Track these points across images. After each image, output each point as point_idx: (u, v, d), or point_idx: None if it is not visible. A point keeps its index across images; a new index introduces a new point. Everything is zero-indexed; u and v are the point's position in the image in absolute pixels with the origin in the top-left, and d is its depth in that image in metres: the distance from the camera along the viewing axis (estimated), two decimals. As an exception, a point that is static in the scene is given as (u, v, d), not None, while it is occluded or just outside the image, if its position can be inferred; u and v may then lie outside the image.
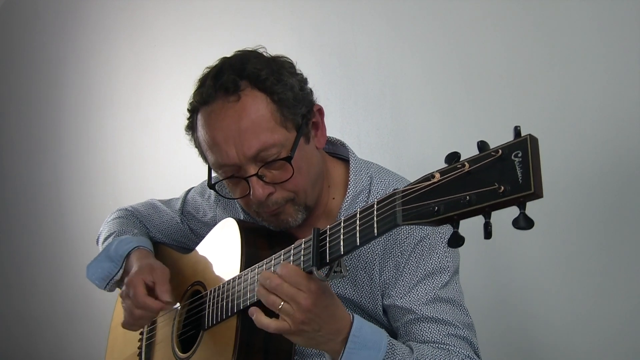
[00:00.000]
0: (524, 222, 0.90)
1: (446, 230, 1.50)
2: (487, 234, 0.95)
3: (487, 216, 0.96)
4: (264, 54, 1.56)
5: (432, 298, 1.46)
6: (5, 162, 4.55)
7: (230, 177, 1.51)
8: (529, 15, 1.93)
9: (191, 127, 1.57)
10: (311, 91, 1.56)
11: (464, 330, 1.46)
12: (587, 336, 1.85)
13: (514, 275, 2.01)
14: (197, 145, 1.57)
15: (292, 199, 1.50)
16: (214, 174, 1.61)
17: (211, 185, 1.60)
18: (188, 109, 1.56)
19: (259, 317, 1.31)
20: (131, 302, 1.63)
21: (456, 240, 1.00)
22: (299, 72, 1.55)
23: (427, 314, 1.45)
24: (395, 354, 1.34)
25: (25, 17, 4.34)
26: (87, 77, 3.79)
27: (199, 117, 1.52)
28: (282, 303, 1.26)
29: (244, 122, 1.43)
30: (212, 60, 1.55)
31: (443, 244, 1.50)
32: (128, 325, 1.69)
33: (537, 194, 0.89)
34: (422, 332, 1.45)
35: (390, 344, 1.35)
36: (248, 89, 1.46)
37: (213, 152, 1.49)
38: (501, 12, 1.99)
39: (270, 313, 1.30)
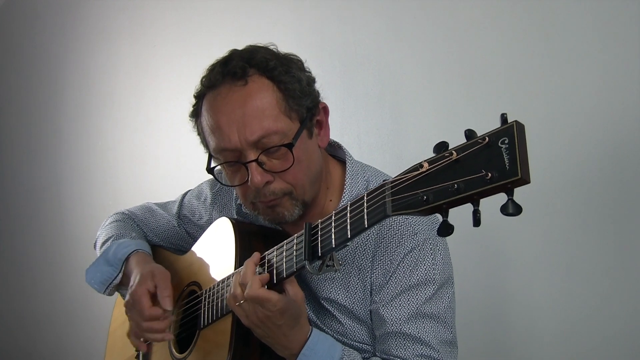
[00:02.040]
0: (512, 209, 0.91)
1: (437, 241, 1.49)
2: (476, 221, 0.95)
3: (476, 204, 0.96)
4: (275, 50, 1.56)
5: (413, 313, 1.45)
6: (5, 162, 4.56)
7: (229, 162, 1.49)
8: (529, 16, 1.93)
9: (195, 113, 1.56)
10: (318, 92, 1.56)
11: (438, 351, 1.44)
12: (586, 337, 1.84)
13: (511, 276, 2.00)
14: (200, 131, 1.56)
15: (290, 192, 1.49)
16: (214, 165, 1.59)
17: (209, 170, 1.57)
18: (194, 95, 1.55)
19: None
20: (138, 314, 1.61)
21: (446, 229, 1.00)
22: (308, 70, 1.56)
23: (405, 329, 1.44)
24: None
25: (25, 17, 4.36)
26: (87, 77, 3.80)
27: (205, 101, 1.51)
28: (242, 301, 1.37)
29: (248, 107, 1.43)
30: (212, 60, 1.55)
31: (432, 256, 1.48)
32: (136, 336, 1.68)
33: (525, 180, 0.89)
34: (395, 346, 1.45)
35: None
36: (256, 75, 1.46)
37: (215, 136, 1.48)
38: (501, 12, 1.99)
39: None
